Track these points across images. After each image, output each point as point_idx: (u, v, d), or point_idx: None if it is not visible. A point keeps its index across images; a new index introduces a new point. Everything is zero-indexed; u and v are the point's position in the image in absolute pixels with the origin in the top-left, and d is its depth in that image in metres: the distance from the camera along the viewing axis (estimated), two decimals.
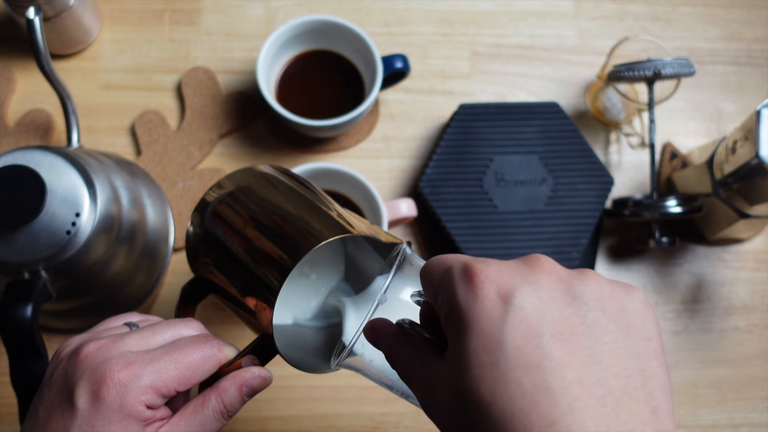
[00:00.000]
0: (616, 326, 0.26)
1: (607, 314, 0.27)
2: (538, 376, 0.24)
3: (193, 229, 0.43)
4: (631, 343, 0.26)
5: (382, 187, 0.66)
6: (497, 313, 0.26)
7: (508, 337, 0.25)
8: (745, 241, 0.67)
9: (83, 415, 0.33)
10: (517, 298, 0.26)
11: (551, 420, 0.24)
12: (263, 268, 0.38)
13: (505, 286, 0.27)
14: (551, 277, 0.27)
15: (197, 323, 0.40)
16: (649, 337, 0.27)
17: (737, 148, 0.56)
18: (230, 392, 0.37)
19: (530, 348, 0.25)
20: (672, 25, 0.73)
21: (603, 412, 0.24)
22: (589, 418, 0.24)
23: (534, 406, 0.24)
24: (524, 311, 0.26)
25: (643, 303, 0.28)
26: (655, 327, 0.27)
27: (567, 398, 0.24)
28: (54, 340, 0.59)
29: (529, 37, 0.71)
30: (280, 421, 0.60)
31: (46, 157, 0.49)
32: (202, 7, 0.70)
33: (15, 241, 0.47)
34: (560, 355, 0.25)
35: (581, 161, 0.63)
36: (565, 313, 0.26)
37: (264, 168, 0.44)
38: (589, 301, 0.27)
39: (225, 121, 0.66)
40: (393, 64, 0.62)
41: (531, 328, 0.25)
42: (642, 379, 0.25)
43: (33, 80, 0.66)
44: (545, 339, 0.25)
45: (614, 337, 0.26)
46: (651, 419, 0.25)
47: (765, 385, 0.64)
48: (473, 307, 0.27)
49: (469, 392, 0.26)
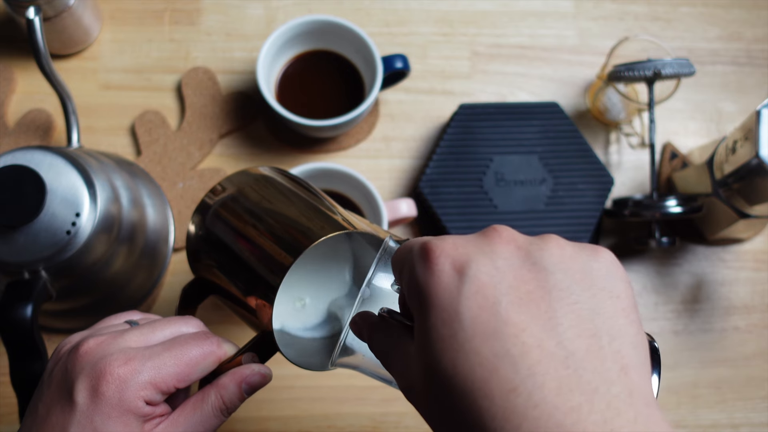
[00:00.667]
0: (578, 287, 0.26)
1: (569, 276, 0.26)
2: (497, 343, 0.24)
3: (194, 230, 0.43)
4: (596, 302, 0.26)
5: (382, 187, 0.66)
6: (453, 286, 0.26)
7: (464, 307, 0.25)
8: (745, 241, 0.67)
9: (82, 411, 0.33)
10: (472, 268, 0.26)
11: (512, 386, 0.23)
12: (263, 266, 0.38)
13: (460, 258, 0.27)
14: (509, 246, 0.27)
15: (197, 321, 0.40)
16: (617, 295, 0.26)
17: (737, 148, 0.56)
18: (229, 389, 0.37)
19: (487, 316, 0.25)
20: (672, 25, 0.73)
21: (566, 374, 0.23)
22: (551, 380, 0.23)
23: (494, 373, 0.24)
24: (480, 281, 0.26)
25: (609, 262, 0.27)
26: (623, 285, 0.27)
27: (527, 362, 0.24)
28: (54, 340, 0.59)
29: (529, 37, 0.71)
30: (280, 421, 0.60)
31: (46, 157, 0.49)
32: (202, 7, 0.70)
33: (15, 241, 0.47)
34: (519, 320, 0.25)
35: (581, 161, 0.63)
36: (523, 279, 0.26)
37: (263, 170, 0.44)
38: (548, 265, 0.26)
39: (225, 121, 0.66)
40: (393, 64, 0.62)
41: (487, 296, 0.25)
42: (608, 338, 0.25)
43: (33, 80, 0.66)
44: (502, 306, 0.25)
45: (576, 299, 0.25)
46: (620, 377, 0.24)
47: (765, 385, 0.64)
48: (430, 283, 0.27)
49: (433, 367, 0.26)
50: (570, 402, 0.23)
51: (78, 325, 0.59)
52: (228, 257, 0.40)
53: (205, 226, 0.42)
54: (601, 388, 0.23)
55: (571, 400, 0.23)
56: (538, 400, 0.23)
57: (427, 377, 0.26)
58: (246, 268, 0.39)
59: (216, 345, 0.37)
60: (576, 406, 0.23)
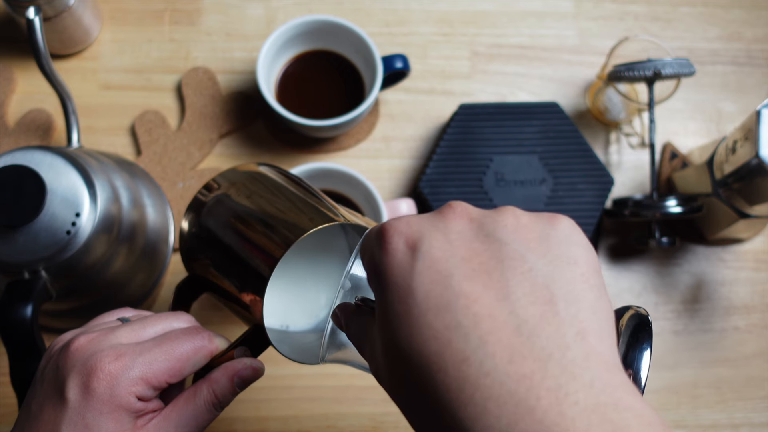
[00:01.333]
0: (533, 255, 0.26)
1: (524, 245, 0.26)
2: (449, 315, 0.24)
3: (187, 227, 0.43)
4: (553, 269, 0.25)
5: (382, 187, 0.66)
6: (407, 263, 0.26)
7: (417, 283, 0.25)
8: (745, 241, 0.67)
9: (74, 408, 0.33)
10: (425, 244, 0.26)
11: (464, 356, 0.23)
12: (254, 261, 0.38)
13: (413, 235, 0.27)
14: (462, 219, 0.27)
15: (188, 316, 0.40)
16: (575, 261, 0.26)
17: (737, 148, 0.56)
18: (221, 383, 0.37)
19: (439, 290, 0.25)
20: (672, 25, 0.73)
21: (518, 341, 0.23)
22: (503, 349, 0.23)
23: (446, 345, 0.24)
24: (432, 256, 0.26)
25: (567, 228, 0.27)
26: (582, 251, 0.26)
27: (478, 332, 0.23)
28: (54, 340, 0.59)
29: (529, 37, 0.71)
30: (280, 421, 0.60)
31: (47, 157, 0.49)
32: (202, 7, 0.70)
33: (15, 241, 0.47)
34: (470, 291, 0.24)
35: (581, 161, 0.63)
36: (476, 251, 0.26)
37: (256, 166, 0.45)
38: (502, 236, 0.26)
39: (225, 121, 0.66)
40: (393, 64, 0.62)
41: (440, 270, 0.25)
42: (564, 303, 0.24)
43: (33, 80, 0.66)
44: (455, 279, 0.25)
45: (531, 266, 0.25)
46: (576, 342, 0.23)
47: (765, 385, 0.64)
48: (385, 261, 0.27)
49: (391, 345, 0.26)
50: (522, 369, 0.22)
51: (78, 325, 0.59)
52: (220, 253, 0.41)
53: (198, 222, 0.42)
54: (556, 353, 0.23)
55: (523, 367, 0.23)
56: (489, 369, 0.23)
57: (387, 356, 0.26)
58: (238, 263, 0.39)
59: (207, 339, 0.37)
60: (528, 373, 0.22)
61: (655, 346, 0.64)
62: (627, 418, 0.22)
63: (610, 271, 0.66)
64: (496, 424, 0.22)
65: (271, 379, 0.60)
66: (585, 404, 0.22)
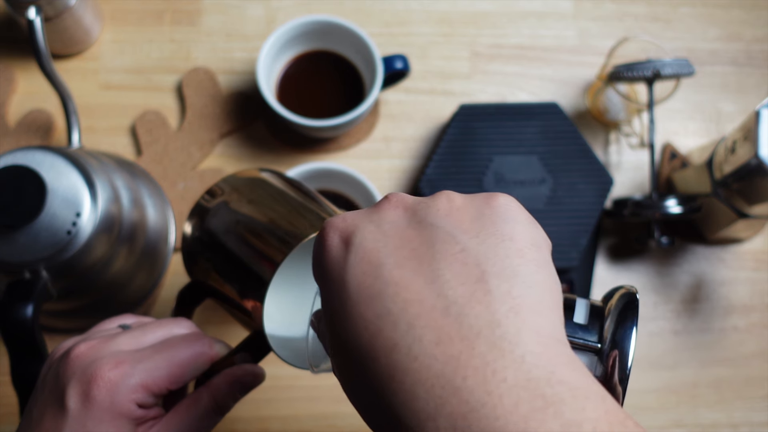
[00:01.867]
0: (466, 236, 0.25)
1: (456, 226, 0.25)
2: (379, 304, 0.24)
3: (189, 232, 0.43)
4: (486, 247, 0.25)
5: (382, 187, 0.66)
6: (341, 257, 0.26)
7: (350, 276, 0.25)
8: (745, 241, 0.67)
9: (74, 416, 0.33)
10: (358, 237, 0.26)
11: (393, 343, 0.23)
12: (255, 267, 0.38)
13: (347, 230, 0.27)
14: (396, 209, 0.27)
15: (188, 322, 0.40)
16: (510, 237, 0.25)
17: (737, 148, 0.56)
18: (222, 390, 0.37)
19: (370, 281, 0.24)
20: (672, 25, 0.73)
21: (446, 323, 0.23)
22: (430, 331, 0.23)
23: (377, 334, 0.23)
24: (365, 248, 0.25)
25: (503, 206, 0.26)
26: (519, 227, 0.26)
27: (407, 318, 0.23)
28: (55, 340, 0.59)
29: (529, 38, 0.72)
30: (280, 421, 0.60)
31: (47, 157, 0.49)
32: (202, 8, 0.70)
33: (16, 241, 0.47)
34: (400, 278, 0.24)
35: (581, 161, 0.63)
36: (408, 238, 0.25)
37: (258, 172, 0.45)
38: (435, 220, 0.26)
39: (225, 121, 0.66)
40: (393, 65, 0.62)
41: (371, 261, 0.25)
42: (497, 281, 0.24)
43: (34, 80, 0.66)
44: (386, 269, 0.25)
45: (463, 247, 0.25)
46: (508, 318, 0.23)
47: (764, 385, 0.64)
48: (323, 258, 0.27)
49: (333, 341, 0.25)
50: (450, 350, 0.22)
51: (79, 324, 0.59)
52: (222, 258, 0.41)
53: (200, 227, 0.42)
54: (485, 331, 0.22)
55: (450, 348, 0.22)
56: (417, 353, 0.22)
57: (332, 351, 0.26)
58: (239, 268, 0.39)
59: (207, 346, 0.37)
60: (456, 354, 0.22)
61: (655, 346, 0.65)
62: (560, 392, 0.21)
63: (610, 271, 0.66)
64: (425, 408, 0.21)
65: (272, 379, 0.60)
66: (514, 380, 0.21)
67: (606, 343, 0.27)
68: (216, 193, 0.43)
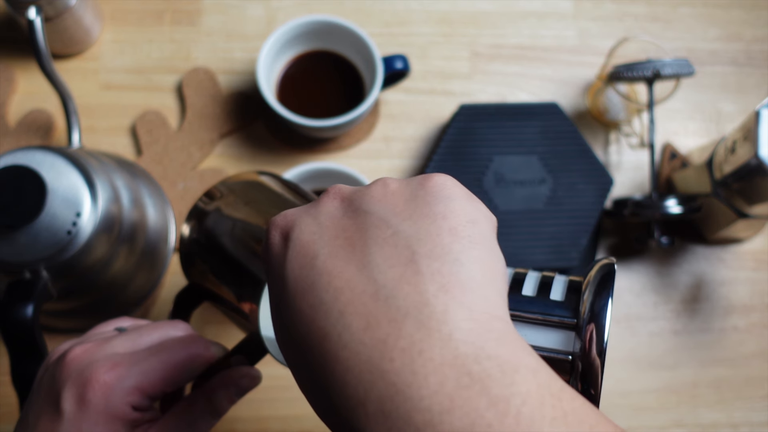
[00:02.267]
0: (398, 219, 0.25)
1: (389, 211, 0.25)
2: (312, 295, 0.24)
3: (187, 234, 0.43)
4: (418, 228, 0.24)
5: None
6: (280, 252, 0.26)
7: (288, 270, 0.25)
8: (745, 241, 0.67)
9: (69, 419, 0.33)
10: (296, 231, 0.26)
11: (324, 333, 0.23)
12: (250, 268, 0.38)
13: (287, 225, 0.27)
14: (334, 201, 0.27)
15: (185, 324, 0.40)
16: (443, 216, 0.25)
17: (736, 148, 0.56)
18: (218, 393, 0.37)
19: (305, 273, 0.24)
20: (672, 25, 0.73)
21: (375, 307, 0.22)
22: (359, 317, 0.22)
23: (311, 325, 0.23)
24: (301, 241, 0.25)
25: (437, 186, 0.26)
26: (453, 204, 0.25)
27: (338, 306, 0.23)
28: (55, 340, 0.59)
29: (529, 38, 0.72)
30: (280, 421, 0.60)
31: (47, 157, 0.49)
32: (202, 8, 0.70)
33: (16, 241, 0.47)
34: (333, 267, 0.24)
35: (581, 161, 0.63)
36: (343, 228, 0.25)
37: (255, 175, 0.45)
38: (369, 207, 0.26)
39: (225, 121, 0.66)
40: (393, 65, 0.62)
41: (306, 254, 0.25)
42: (427, 260, 0.23)
43: (34, 80, 0.66)
44: (319, 259, 0.24)
45: (394, 230, 0.24)
46: (437, 297, 0.22)
47: (764, 385, 0.64)
48: (266, 256, 0.27)
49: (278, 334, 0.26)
50: (377, 334, 0.22)
51: (79, 324, 0.59)
52: (218, 260, 0.41)
53: (197, 230, 0.42)
54: (412, 311, 0.22)
55: (378, 332, 0.22)
56: (347, 341, 0.22)
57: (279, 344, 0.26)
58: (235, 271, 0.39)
59: (203, 348, 0.37)
60: (383, 337, 0.22)
61: (655, 346, 0.65)
62: (488, 368, 0.20)
63: None
64: (355, 394, 0.21)
65: (272, 379, 0.60)
66: (441, 359, 0.21)
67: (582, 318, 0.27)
68: (214, 196, 0.43)
